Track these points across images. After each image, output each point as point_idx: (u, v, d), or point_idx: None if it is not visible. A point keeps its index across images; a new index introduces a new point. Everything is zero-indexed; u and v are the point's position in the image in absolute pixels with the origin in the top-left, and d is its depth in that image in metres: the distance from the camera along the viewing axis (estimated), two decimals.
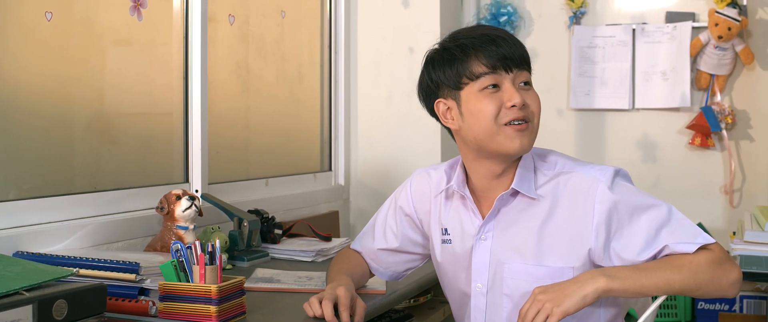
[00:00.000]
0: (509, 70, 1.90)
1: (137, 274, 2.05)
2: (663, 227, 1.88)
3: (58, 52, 2.54)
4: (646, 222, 1.88)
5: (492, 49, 1.90)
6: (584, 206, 1.92)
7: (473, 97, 1.92)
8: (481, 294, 2.03)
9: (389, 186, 3.91)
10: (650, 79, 4.05)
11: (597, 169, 1.95)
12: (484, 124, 1.91)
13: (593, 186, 1.91)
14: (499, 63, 1.90)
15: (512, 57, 1.90)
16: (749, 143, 3.97)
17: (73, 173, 2.63)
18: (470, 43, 1.92)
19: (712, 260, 1.84)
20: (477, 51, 1.90)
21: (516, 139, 1.90)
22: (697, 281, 1.82)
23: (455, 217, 2.09)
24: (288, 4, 3.66)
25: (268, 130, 3.57)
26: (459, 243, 2.07)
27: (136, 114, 2.86)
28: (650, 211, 1.89)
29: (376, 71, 3.97)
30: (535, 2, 4.26)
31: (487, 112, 1.90)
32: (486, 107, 1.90)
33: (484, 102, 1.90)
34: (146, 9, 2.80)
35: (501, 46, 1.90)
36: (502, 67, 1.90)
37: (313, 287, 2.36)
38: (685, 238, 1.86)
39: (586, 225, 1.91)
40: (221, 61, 3.23)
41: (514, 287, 1.97)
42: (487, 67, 1.90)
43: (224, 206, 2.86)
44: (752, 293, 3.62)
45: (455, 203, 2.09)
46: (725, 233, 3.87)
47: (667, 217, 1.89)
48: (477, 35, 1.93)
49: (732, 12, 3.79)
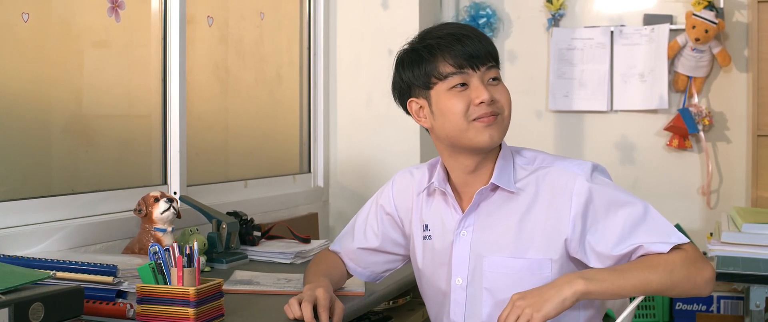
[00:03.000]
0: (476, 68, 1.93)
1: (115, 276, 2.04)
2: (638, 224, 1.90)
3: (35, 53, 2.53)
4: (622, 218, 1.90)
5: (458, 49, 1.92)
6: (562, 199, 1.94)
7: (442, 96, 1.95)
8: (461, 289, 2.03)
9: (368, 188, 3.91)
10: (628, 81, 4.07)
11: (575, 163, 1.99)
12: (454, 121, 1.94)
13: (571, 179, 1.94)
14: (466, 62, 1.93)
15: (478, 55, 1.93)
16: (726, 145, 4.00)
17: (50, 175, 2.61)
18: (436, 44, 1.94)
19: (686, 259, 1.85)
20: (443, 51, 1.93)
21: (485, 132, 1.93)
22: (673, 280, 1.84)
23: (436, 213, 2.11)
24: (267, 6, 3.65)
25: (247, 131, 3.56)
26: (439, 239, 2.09)
27: (114, 116, 2.85)
28: (626, 207, 1.91)
29: (356, 73, 3.98)
30: (514, 4, 4.28)
31: (456, 110, 1.93)
32: (455, 105, 1.93)
33: (453, 101, 1.93)
34: (124, 10, 2.79)
35: (467, 45, 1.93)
36: (469, 65, 1.93)
37: (292, 289, 2.36)
38: (660, 237, 1.88)
39: (563, 217, 1.93)
40: (200, 63, 3.22)
41: (494, 280, 1.99)
42: (454, 66, 1.93)
43: (203, 208, 2.85)
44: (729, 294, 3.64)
45: (437, 200, 2.11)
46: (702, 233, 3.90)
47: (643, 214, 1.91)
48: (443, 35, 1.96)
49: (709, 14, 3.82)
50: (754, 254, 3.00)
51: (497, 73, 1.98)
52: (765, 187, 3.72)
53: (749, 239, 3.02)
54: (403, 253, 2.26)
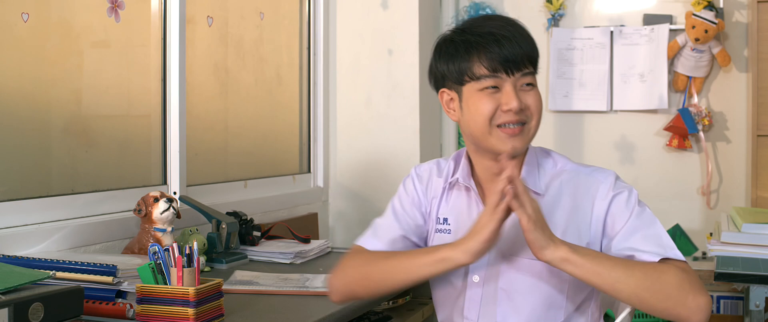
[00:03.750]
0: (511, 73, 1.89)
1: (114, 276, 2.05)
2: (638, 230, 1.89)
3: (35, 53, 2.53)
4: (630, 220, 1.90)
5: (495, 51, 1.88)
6: (584, 204, 1.94)
7: (473, 94, 1.92)
8: (477, 286, 1.99)
9: (368, 188, 3.91)
10: (628, 81, 4.07)
11: (599, 171, 1.99)
12: (479, 123, 1.91)
13: (594, 185, 1.95)
14: (501, 66, 1.88)
15: (515, 59, 1.88)
16: (726, 145, 4.00)
17: (50, 175, 2.61)
18: (475, 41, 1.90)
19: (681, 279, 1.80)
20: (480, 51, 1.89)
21: (507, 142, 1.90)
22: (659, 287, 1.79)
23: (457, 208, 2.06)
24: (267, 6, 3.65)
25: (246, 132, 3.56)
26: (459, 234, 1.99)
27: (113, 116, 2.85)
28: (635, 211, 1.91)
29: (355, 73, 3.97)
30: (514, 4, 4.28)
31: (483, 111, 1.90)
32: (483, 107, 1.90)
33: (482, 102, 1.90)
34: (124, 10, 2.79)
35: (505, 48, 1.88)
36: (503, 69, 1.88)
37: (291, 289, 2.36)
38: (654, 248, 1.86)
39: (584, 222, 1.93)
40: (199, 63, 3.22)
41: (512, 280, 1.96)
42: (488, 69, 1.88)
43: (202, 208, 2.85)
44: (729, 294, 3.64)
45: (458, 194, 2.06)
46: (702, 233, 3.90)
47: (648, 223, 1.90)
48: (483, 33, 1.91)
49: (709, 15, 3.82)
50: (753, 254, 3.00)
51: (532, 79, 1.93)
52: (764, 187, 3.72)
53: (749, 239, 3.02)
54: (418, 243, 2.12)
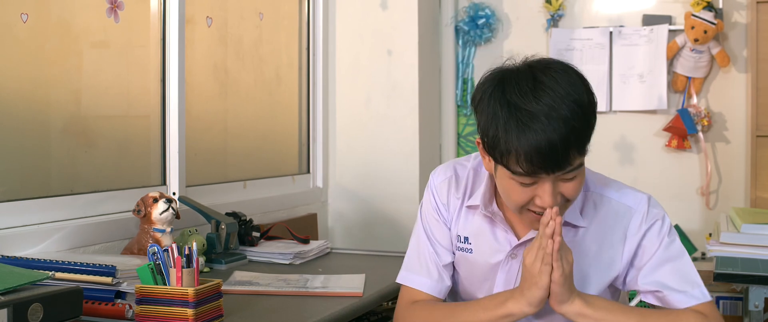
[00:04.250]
0: (551, 172, 1.70)
1: (114, 277, 2.04)
2: (667, 262, 1.85)
3: (34, 54, 2.53)
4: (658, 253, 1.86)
5: (537, 159, 1.67)
6: (616, 236, 1.88)
7: (507, 178, 1.75)
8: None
9: (367, 188, 3.91)
10: (627, 82, 4.07)
11: (630, 195, 1.91)
12: (510, 202, 1.80)
13: (626, 215, 1.88)
14: (541, 170, 1.69)
15: (558, 163, 1.68)
16: (725, 145, 4.00)
17: (49, 175, 2.61)
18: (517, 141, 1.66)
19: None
20: (519, 154, 1.67)
21: (535, 224, 1.80)
22: None
23: (478, 228, 1.97)
24: (266, 7, 3.65)
25: (246, 132, 3.56)
26: (482, 256, 1.96)
27: (113, 116, 2.85)
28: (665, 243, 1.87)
29: (355, 73, 3.97)
30: (513, 5, 4.28)
31: (515, 198, 1.77)
32: (516, 195, 1.76)
33: (515, 191, 1.75)
34: (123, 11, 2.79)
35: (548, 159, 1.67)
36: (543, 172, 1.69)
37: (291, 290, 2.36)
38: (683, 285, 1.82)
39: (616, 256, 1.89)
40: (199, 64, 3.22)
41: (543, 311, 1.87)
42: (526, 172, 1.70)
43: (202, 209, 2.85)
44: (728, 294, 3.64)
45: (479, 215, 1.97)
46: (701, 234, 3.90)
47: (677, 255, 1.87)
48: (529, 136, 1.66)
49: (708, 15, 3.82)
50: (752, 254, 3.00)
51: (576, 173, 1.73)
52: (764, 187, 3.72)
53: (748, 240, 3.02)
54: None
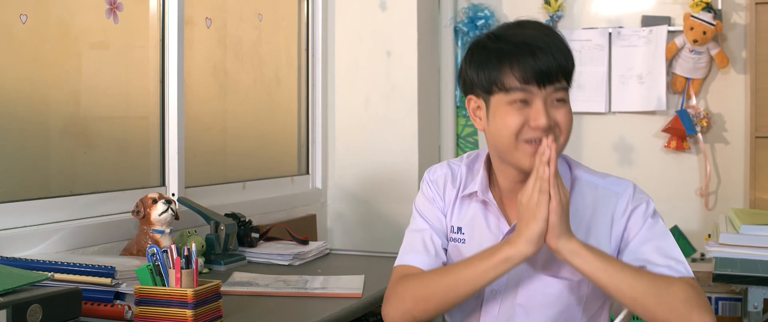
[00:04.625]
0: (542, 86, 1.81)
1: (113, 278, 2.05)
2: (650, 241, 1.87)
3: (34, 54, 2.53)
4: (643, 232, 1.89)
5: (528, 63, 1.80)
6: (603, 220, 1.91)
7: (501, 107, 1.84)
8: (495, 300, 1.95)
9: (367, 189, 3.91)
10: (626, 83, 4.07)
11: (616, 183, 1.94)
12: (505, 136, 1.84)
13: (612, 200, 1.91)
14: (533, 78, 1.80)
15: (548, 72, 1.80)
16: (724, 146, 4.00)
17: (48, 176, 2.61)
18: (508, 51, 1.83)
19: (688, 295, 1.76)
20: (512, 62, 1.81)
21: (533, 158, 1.82)
22: (663, 300, 1.75)
23: (471, 217, 2.01)
24: (265, 8, 3.65)
25: (245, 133, 3.56)
26: (475, 244, 1.97)
27: (112, 117, 2.85)
28: (649, 223, 1.89)
29: (354, 74, 3.97)
30: (512, 6, 4.28)
31: (510, 125, 1.83)
32: (511, 121, 1.83)
33: (510, 115, 1.83)
34: (122, 12, 2.79)
35: (539, 60, 1.80)
36: (535, 82, 1.81)
37: (290, 291, 2.36)
38: (666, 261, 1.84)
39: (604, 239, 1.90)
40: (198, 65, 3.22)
41: (530, 297, 1.93)
42: (520, 81, 1.81)
43: (201, 210, 2.85)
44: (727, 295, 3.64)
45: (473, 205, 2.01)
46: (700, 235, 3.90)
47: (660, 233, 1.89)
48: (518, 42, 1.84)
49: (707, 16, 3.82)
50: (752, 255, 3.00)
51: (564, 95, 1.85)
52: (763, 188, 3.72)
53: (747, 241, 3.02)
54: None
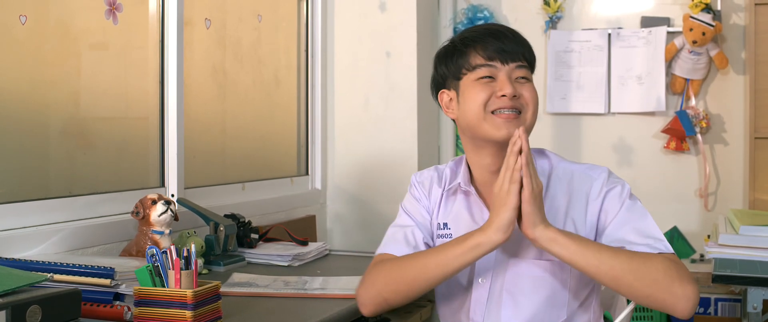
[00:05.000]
0: (505, 62, 1.96)
1: (112, 279, 2.05)
2: (629, 222, 1.92)
3: (33, 55, 2.53)
4: (621, 213, 1.93)
5: (491, 42, 1.97)
6: (579, 202, 1.96)
7: (469, 85, 1.98)
8: (483, 289, 2.01)
9: (366, 190, 3.91)
10: (626, 84, 4.08)
11: (592, 168, 2.01)
12: (474, 110, 1.96)
13: (587, 183, 1.97)
14: (496, 55, 1.96)
15: (510, 51, 1.96)
16: (723, 147, 4.00)
17: (48, 177, 2.61)
18: (471, 37, 2.00)
19: (668, 267, 1.81)
20: (476, 44, 1.98)
21: (502, 127, 1.94)
22: (642, 275, 1.80)
23: (457, 213, 2.08)
24: (265, 8, 3.65)
25: (244, 134, 3.56)
26: None
27: (111, 118, 2.85)
28: (626, 204, 1.94)
29: (353, 75, 3.97)
30: (512, 7, 4.28)
31: (477, 99, 1.95)
32: (477, 94, 1.95)
33: (477, 89, 1.96)
34: (122, 12, 2.79)
35: (500, 40, 1.97)
36: (498, 58, 1.96)
37: (289, 292, 2.36)
38: (645, 240, 1.89)
39: (581, 219, 1.95)
40: (197, 65, 3.22)
41: (517, 283, 1.98)
42: (484, 58, 1.96)
43: (200, 211, 2.85)
44: (726, 296, 3.65)
45: (458, 199, 2.09)
46: (700, 236, 3.90)
47: (639, 215, 1.93)
48: (481, 30, 2.02)
49: (706, 17, 3.82)
50: (751, 256, 3.00)
51: (527, 74, 2.00)
52: (762, 189, 3.72)
53: (746, 241, 3.02)
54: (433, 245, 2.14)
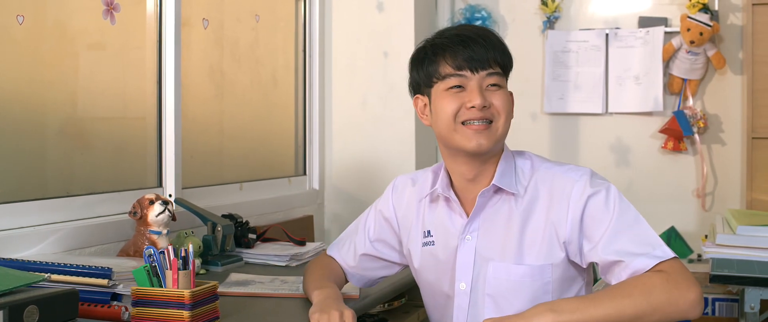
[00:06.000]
0: (475, 70, 1.95)
1: (110, 279, 2.04)
2: (624, 230, 1.88)
3: (30, 55, 2.52)
4: (610, 222, 1.89)
5: (460, 51, 1.95)
6: (560, 204, 1.95)
7: (439, 95, 1.98)
8: (464, 294, 2.03)
9: (364, 190, 3.91)
10: (623, 84, 4.08)
11: (573, 169, 1.99)
12: (445, 121, 1.97)
13: (569, 184, 1.95)
14: (465, 64, 1.95)
15: (480, 59, 1.95)
16: (721, 147, 4.00)
17: (45, 177, 2.61)
18: (441, 44, 1.98)
19: (667, 281, 1.79)
20: (445, 52, 1.97)
21: (472, 139, 1.95)
22: (651, 304, 1.78)
23: (439, 219, 2.10)
24: (262, 8, 3.65)
25: (242, 134, 3.56)
26: (443, 244, 2.08)
27: (109, 118, 2.85)
28: (617, 212, 1.90)
29: (351, 75, 3.97)
30: (509, 7, 4.28)
31: (447, 110, 1.96)
32: (447, 106, 1.96)
33: (447, 101, 1.96)
34: (119, 13, 2.79)
35: (470, 48, 1.95)
36: (468, 67, 1.95)
37: (287, 292, 2.36)
38: (643, 248, 1.85)
39: (561, 222, 1.94)
40: (195, 65, 3.22)
41: (497, 286, 1.99)
42: (453, 67, 1.96)
43: (198, 211, 2.85)
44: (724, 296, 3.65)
45: (440, 206, 2.11)
46: (697, 236, 3.91)
47: (632, 222, 1.90)
48: (451, 35, 1.99)
49: (704, 17, 3.82)
50: (748, 256, 3.00)
51: (498, 80, 1.99)
52: (759, 189, 3.72)
53: (744, 242, 3.02)
54: (398, 260, 2.26)
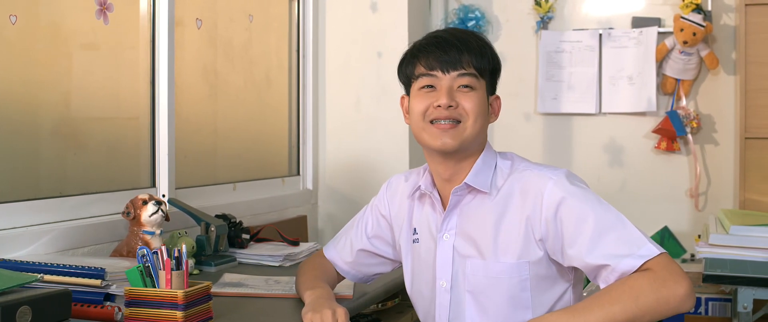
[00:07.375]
0: (446, 71, 1.98)
1: (103, 279, 2.04)
2: (608, 231, 1.85)
3: (24, 55, 2.52)
4: (592, 223, 1.86)
5: (433, 52, 2.00)
6: (534, 202, 1.94)
7: (414, 95, 2.04)
8: (445, 291, 2.05)
9: (357, 190, 3.91)
10: (617, 84, 4.08)
11: (549, 169, 1.99)
12: (415, 120, 2.02)
13: (542, 183, 1.95)
14: (437, 65, 1.99)
15: (451, 60, 1.98)
16: (714, 147, 4.01)
17: (38, 177, 2.60)
18: (419, 46, 2.04)
19: (654, 280, 1.78)
20: (421, 53, 2.02)
21: (438, 137, 1.99)
22: (640, 307, 1.76)
23: (424, 217, 2.14)
24: (256, 9, 3.65)
25: (235, 134, 3.56)
26: (425, 242, 2.12)
27: (102, 118, 2.84)
28: (597, 213, 1.88)
29: (345, 75, 3.97)
30: (503, 7, 4.29)
31: (417, 109, 2.01)
32: (418, 105, 2.01)
33: (418, 99, 2.01)
34: (113, 13, 2.79)
35: (442, 49, 1.99)
36: (439, 68, 1.99)
37: (280, 292, 2.36)
38: (629, 248, 1.82)
39: (535, 220, 1.94)
40: (189, 66, 3.21)
41: (476, 283, 2.00)
42: (426, 68, 2.00)
43: (191, 211, 2.84)
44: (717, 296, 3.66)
45: (425, 204, 2.14)
46: (690, 236, 3.91)
47: (614, 221, 1.87)
48: (430, 37, 2.05)
49: (697, 17, 3.83)
50: (741, 256, 3.01)
51: (471, 82, 1.99)
52: (752, 189, 3.73)
53: (737, 241, 3.03)
54: (393, 257, 2.28)
